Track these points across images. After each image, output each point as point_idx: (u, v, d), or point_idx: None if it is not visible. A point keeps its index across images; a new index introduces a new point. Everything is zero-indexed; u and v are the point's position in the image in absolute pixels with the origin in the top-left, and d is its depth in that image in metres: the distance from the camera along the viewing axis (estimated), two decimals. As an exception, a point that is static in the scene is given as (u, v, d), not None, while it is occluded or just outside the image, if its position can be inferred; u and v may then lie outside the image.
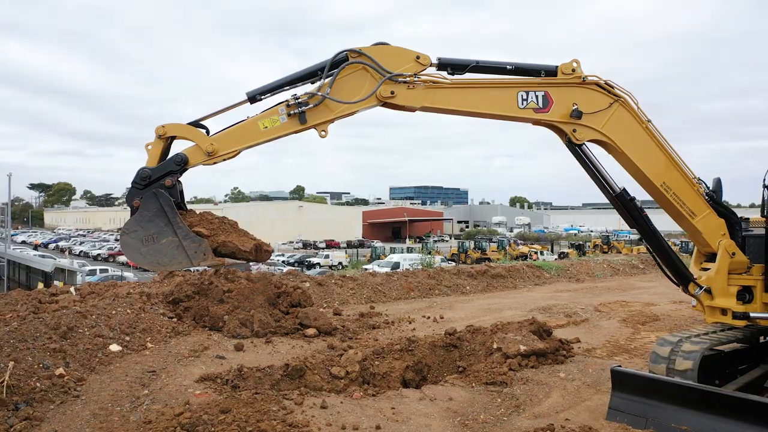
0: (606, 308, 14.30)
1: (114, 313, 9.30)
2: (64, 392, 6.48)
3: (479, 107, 6.16)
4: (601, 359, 9.05)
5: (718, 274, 6.74)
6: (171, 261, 5.31)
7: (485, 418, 6.30)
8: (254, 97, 5.71)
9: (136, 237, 5.34)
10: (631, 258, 25.97)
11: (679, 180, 6.68)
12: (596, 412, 6.65)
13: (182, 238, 5.35)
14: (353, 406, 6.47)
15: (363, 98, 5.84)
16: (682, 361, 6.69)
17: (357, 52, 5.72)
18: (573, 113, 6.25)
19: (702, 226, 6.77)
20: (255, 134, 5.70)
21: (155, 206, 5.43)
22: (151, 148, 5.67)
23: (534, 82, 6.24)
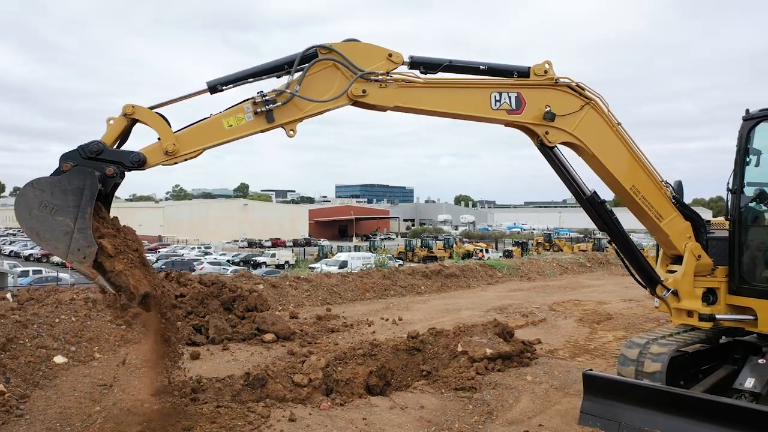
0: (560, 307, 14.49)
1: (57, 322, 8.72)
2: (5, 411, 5.95)
3: (452, 108, 5.98)
4: (565, 360, 9.08)
5: (684, 276, 6.76)
6: (50, 241, 4.66)
7: (460, 427, 6.14)
8: (215, 87, 5.28)
9: (38, 197, 4.66)
10: (579, 257, 26.59)
11: (647, 183, 6.66)
12: (567, 416, 6.61)
13: (77, 228, 4.71)
14: (323, 418, 6.19)
15: (334, 97, 5.49)
16: (650, 363, 6.72)
17: (327, 48, 5.43)
18: (546, 115, 6.13)
19: (669, 228, 6.78)
20: (219, 133, 5.25)
21: (79, 183, 4.78)
22: (113, 123, 5.10)
23: (507, 83, 6.11)
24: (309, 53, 5.47)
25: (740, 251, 6.83)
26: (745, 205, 6.91)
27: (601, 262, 25.68)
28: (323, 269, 42.58)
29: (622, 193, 6.64)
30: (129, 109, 5.10)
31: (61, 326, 8.64)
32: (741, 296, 6.79)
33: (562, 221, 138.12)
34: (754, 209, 6.98)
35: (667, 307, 6.99)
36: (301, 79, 5.31)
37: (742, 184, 6.86)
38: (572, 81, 6.32)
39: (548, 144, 6.22)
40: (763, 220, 7.02)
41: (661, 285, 6.79)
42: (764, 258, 6.82)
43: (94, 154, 4.88)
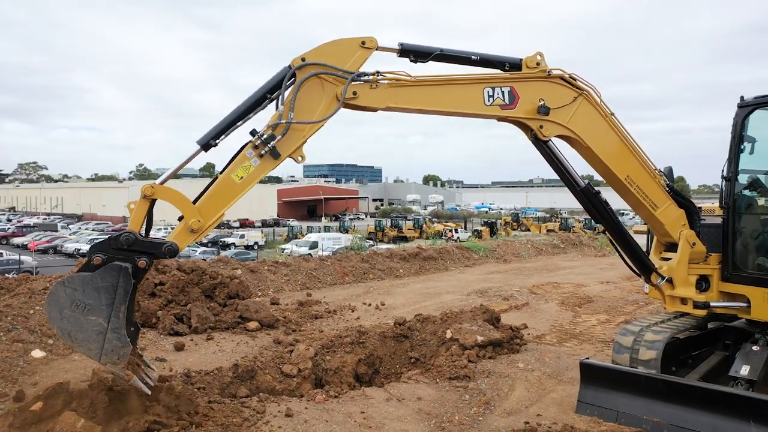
0: (540, 290, 14.57)
1: (32, 313, 8.36)
2: (-14, 412, 5.62)
3: (445, 106, 5.79)
4: (553, 346, 9.10)
5: (679, 264, 6.76)
6: (83, 342, 4.55)
7: (460, 420, 6.06)
8: (207, 143, 5.11)
9: (69, 296, 4.51)
10: (552, 238, 26.86)
11: (642, 173, 6.60)
12: (564, 404, 6.59)
13: (111, 328, 4.54)
14: (320, 412, 6.05)
15: (333, 111, 5.29)
16: (645, 351, 6.74)
17: (303, 63, 5.22)
18: (541, 109, 5.99)
19: (664, 217, 6.74)
20: (233, 190, 5.11)
21: (112, 280, 4.62)
22: (135, 208, 4.96)
23: (499, 78, 5.95)
24: (285, 74, 5.25)
25: (734, 238, 6.86)
26: (740, 192, 6.93)
27: (575, 244, 25.99)
28: (294, 250, 42.32)
29: (617, 183, 6.58)
30: (148, 191, 5.01)
31: (37, 317, 8.25)
32: (734, 283, 6.83)
33: (529, 201, 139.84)
34: (747, 197, 7.01)
35: (661, 294, 7.01)
36: (292, 105, 5.14)
37: (736, 172, 6.87)
38: (565, 72, 6.18)
39: (543, 138, 6.10)
40: (757, 208, 7.07)
41: (656, 273, 6.79)
42: (757, 245, 6.87)
43: (126, 246, 4.74)
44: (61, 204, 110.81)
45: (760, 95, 6.88)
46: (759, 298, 6.59)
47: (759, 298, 6.59)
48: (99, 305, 4.60)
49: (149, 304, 9.70)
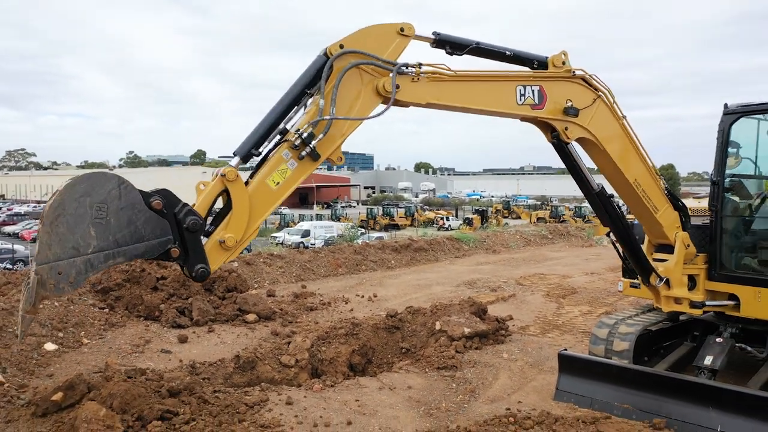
0: (527, 281, 15.11)
1: (42, 307, 8.73)
2: (8, 401, 6.07)
3: (481, 104, 5.47)
4: (536, 337, 9.63)
5: (675, 265, 6.83)
6: (55, 234, 3.55)
7: (447, 406, 6.58)
8: (248, 154, 4.43)
9: (104, 195, 3.67)
10: (541, 229, 27.42)
11: (647, 176, 6.59)
12: (543, 392, 7.11)
13: (87, 259, 3.66)
14: (317, 400, 6.54)
15: (383, 109, 4.77)
16: (619, 342, 7.27)
17: (343, 51, 4.63)
18: (570, 111, 5.80)
19: (663, 219, 6.78)
20: (270, 198, 4.44)
21: (146, 232, 3.82)
22: (208, 190, 4.23)
23: (530, 76, 5.72)
24: (322, 63, 4.64)
25: (721, 239, 7.11)
26: (726, 195, 7.23)
27: (562, 234, 26.57)
28: (286, 238, 42.70)
29: (624, 186, 6.52)
30: (233, 175, 4.22)
31: (46, 312, 8.69)
32: (722, 282, 7.05)
33: (520, 188, 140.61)
34: (732, 200, 7.38)
35: (654, 295, 7.05)
36: (334, 99, 4.52)
37: (723, 176, 7.13)
38: (586, 73, 6.02)
39: (566, 140, 5.91)
40: (742, 211, 7.44)
41: (656, 274, 6.79)
42: (743, 245, 7.27)
43: (184, 226, 3.97)
44: (51, 192, 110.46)
45: (744, 103, 7.16)
46: (748, 296, 6.84)
47: (748, 296, 6.84)
48: (112, 232, 3.72)
49: (152, 298, 10.14)
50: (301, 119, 4.54)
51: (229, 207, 4.27)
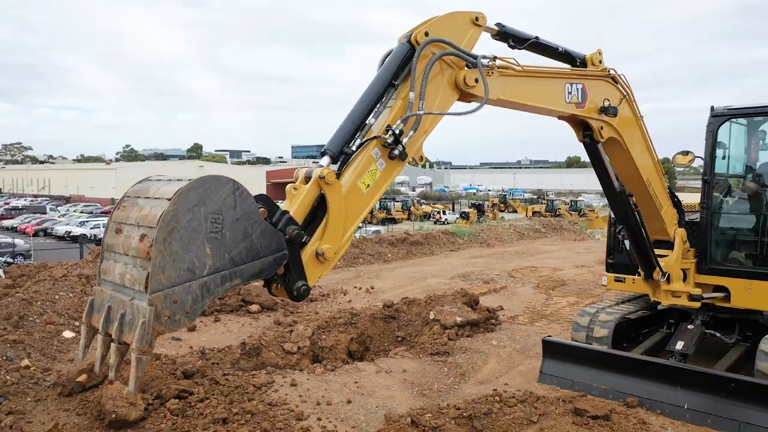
0: (519, 274, 15.68)
1: (57, 298, 9.29)
2: (35, 383, 6.61)
3: (539, 101, 5.33)
4: (525, 326, 10.19)
5: (676, 261, 7.18)
6: (168, 253, 2.98)
7: (439, 387, 7.14)
8: (341, 152, 3.94)
9: (224, 204, 3.16)
10: (534, 222, 28.00)
11: (656, 175, 6.86)
12: (528, 375, 7.67)
13: (203, 282, 3.13)
14: (319, 382, 7.08)
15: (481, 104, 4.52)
16: (599, 330, 7.83)
17: (429, 40, 4.24)
18: (609, 110, 5.83)
19: (666, 216, 7.11)
20: (362, 202, 4.00)
21: (262, 247, 3.36)
22: (305, 195, 3.74)
23: (576, 74, 5.71)
24: (404, 52, 4.23)
25: (711, 235, 7.58)
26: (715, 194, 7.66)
27: (555, 228, 27.18)
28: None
29: (638, 185, 6.64)
30: (332, 179, 3.73)
31: (62, 302, 9.20)
32: (713, 275, 7.49)
33: (517, 182, 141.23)
34: (721, 199, 7.76)
35: (651, 289, 7.38)
36: (423, 92, 4.15)
37: (713, 175, 7.59)
38: (616, 72, 6.05)
39: (600, 140, 5.91)
40: (730, 208, 7.81)
41: (659, 269, 7.03)
42: (732, 241, 7.70)
43: (287, 238, 3.53)
44: (48, 186, 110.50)
45: (731, 107, 7.60)
46: (738, 288, 7.28)
47: (738, 288, 7.28)
48: (228, 249, 3.22)
49: (160, 289, 10.66)
50: (387, 115, 4.12)
51: (315, 213, 3.78)
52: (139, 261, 3.10)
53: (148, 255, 2.99)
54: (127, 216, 3.30)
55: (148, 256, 3.00)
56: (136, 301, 3.05)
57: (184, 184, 3.11)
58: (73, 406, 6.08)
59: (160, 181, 3.38)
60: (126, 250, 3.22)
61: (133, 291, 3.12)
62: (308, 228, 3.73)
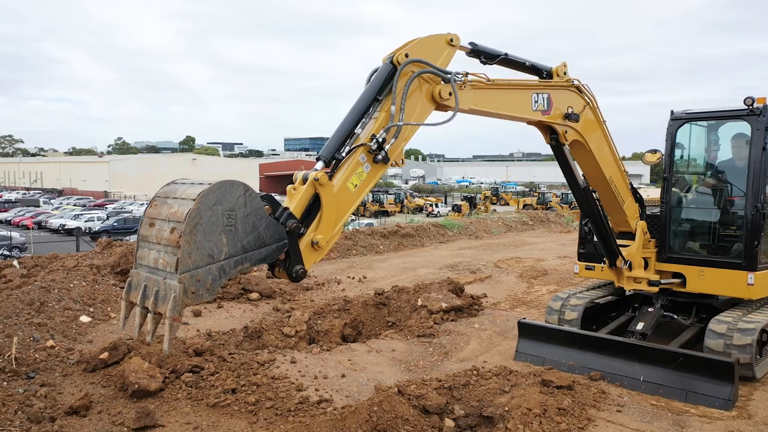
0: (504, 264, 16.49)
1: (72, 286, 10.00)
2: (60, 361, 7.35)
3: (507, 110, 6.05)
4: (505, 311, 10.99)
5: (637, 250, 8.01)
6: (193, 242, 3.70)
7: (424, 364, 7.93)
8: (332, 158, 4.65)
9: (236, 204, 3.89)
10: (522, 215, 28.81)
11: (619, 173, 7.62)
12: (506, 354, 8.47)
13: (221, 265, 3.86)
14: (316, 360, 7.85)
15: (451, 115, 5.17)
16: (569, 313, 8.64)
17: (409, 60, 4.89)
18: (572, 116, 6.60)
19: (628, 210, 7.92)
20: (351, 199, 4.69)
21: (268, 238, 4.08)
22: (303, 194, 4.41)
23: (542, 85, 6.44)
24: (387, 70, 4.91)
25: (670, 227, 8.36)
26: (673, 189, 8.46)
27: (542, 221, 28.00)
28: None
29: (601, 182, 7.44)
30: (325, 180, 4.42)
31: (77, 290, 9.92)
32: (670, 263, 8.28)
33: (509, 175, 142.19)
34: (678, 194, 8.56)
35: (615, 275, 8.25)
36: (403, 105, 4.82)
37: (672, 173, 8.39)
38: (580, 82, 6.82)
39: (564, 142, 6.68)
40: (686, 203, 8.62)
41: (622, 258, 7.88)
42: (687, 232, 8.46)
43: (287, 230, 4.22)
44: (40, 178, 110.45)
45: (689, 111, 8.40)
46: (692, 275, 8.08)
47: (692, 275, 8.08)
48: (240, 239, 3.92)
49: (166, 278, 11.39)
50: (372, 125, 4.80)
51: (311, 209, 4.45)
52: (170, 249, 3.78)
53: (178, 244, 3.69)
54: (158, 213, 4.00)
55: (177, 245, 3.70)
56: (168, 280, 3.75)
57: (205, 187, 3.80)
58: (98, 379, 6.84)
59: (185, 184, 4.08)
60: (159, 240, 3.91)
61: (165, 272, 3.82)
62: (305, 221, 4.41)
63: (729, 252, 7.90)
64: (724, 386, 6.62)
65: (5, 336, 7.49)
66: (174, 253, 3.73)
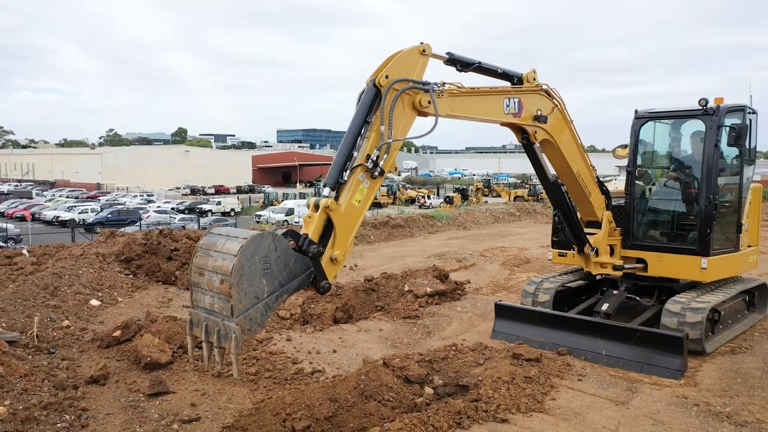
0: (489, 253, 17.27)
1: (81, 273, 10.68)
2: (77, 339, 8.06)
3: (481, 114, 6.69)
4: (487, 296, 11.76)
5: (603, 237, 8.76)
6: (242, 290, 4.48)
7: (408, 342, 8.70)
8: (336, 183, 5.25)
9: (268, 250, 4.67)
10: (510, 207, 29.61)
11: (585, 168, 8.39)
12: (484, 334, 9.23)
13: (265, 302, 4.65)
14: (310, 338, 8.60)
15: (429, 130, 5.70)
16: (542, 295, 9.41)
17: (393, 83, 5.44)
18: (541, 118, 7.31)
19: (594, 201, 8.69)
20: (357, 214, 5.35)
21: (297, 270, 4.84)
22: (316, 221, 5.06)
23: (513, 90, 7.10)
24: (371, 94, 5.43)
25: (634, 217, 9.10)
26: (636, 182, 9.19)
27: (529, 212, 28.82)
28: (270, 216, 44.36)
29: (569, 176, 8.17)
30: (334, 206, 5.03)
31: (85, 276, 10.61)
32: (634, 250, 9.02)
33: (501, 166, 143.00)
34: (641, 186, 9.29)
35: (584, 261, 8.97)
36: (390, 125, 5.38)
37: (635, 167, 9.10)
38: (549, 87, 7.50)
39: (534, 141, 7.42)
40: (647, 194, 9.32)
41: (589, 245, 8.63)
42: (649, 221, 9.22)
43: (309, 255, 4.90)
44: (32, 170, 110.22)
45: (651, 110, 9.14)
46: (653, 260, 8.84)
47: (653, 260, 8.84)
48: (276, 278, 4.67)
49: (168, 266, 12.09)
50: (365, 145, 5.37)
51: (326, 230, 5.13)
52: (222, 296, 4.54)
53: (229, 293, 4.45)
54: (205, 263, 4.73)
55: (229, 294, 4.46)
56: (227, 322, 4.52)
57: (242, 242, 4.54)
58: (112, 354, 7.56)
59: (221, 236, 4.81)
60: (210, 288, 4.65)
61: (222, 315, 4.59)
62: (323, 241, 5.10)
63: (685, 239, 8.68)
64: (675, 358, 7.42)
65: (26, 316, 8.20)
66: (227, 300, 4.49)
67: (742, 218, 9.01)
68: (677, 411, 6.32)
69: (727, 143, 8.32)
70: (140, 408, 6.13)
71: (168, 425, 5.75)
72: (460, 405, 6.11)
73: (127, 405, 6.19)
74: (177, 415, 5.95)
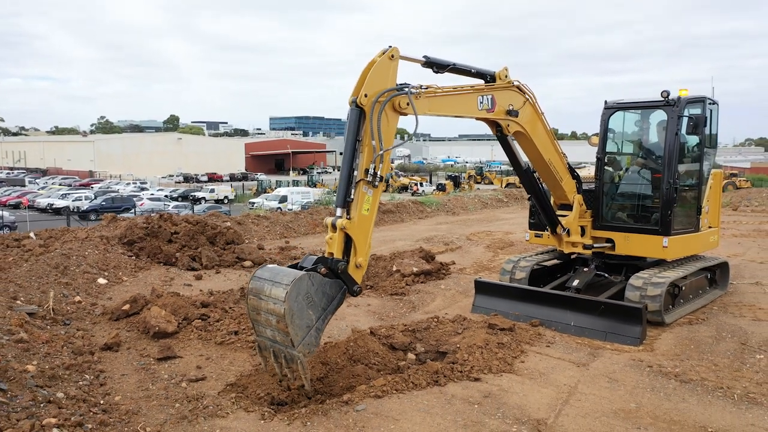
0: (475, 237, 18.01)
1: (87, 254, 11.35)
2: (88, 313, 8.75)
3: (457, 111, 7.36)
4: (470, 275, 12.50)
5: (574, 219, 9.52)
6: (296, 326, 5.55)
7: (394, 315, 9.43)
8: (345, 202, 6.07)
9: (307, 288, 5.66)
10: (498, 193, 30.35)
11: (556, 155, 9.08)
12: (465, 308, 9.97)
13: (315, 327, 5.74)
14: (303, 313, 9.31)
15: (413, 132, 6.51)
16: (519, 273, 10.15)
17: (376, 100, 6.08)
18: (512, 112, 7.97)
19: (565, 186, 9.38)
20: (368, 221, 6.20)
21: (333, 293, 5.90)
22: (336, 240, 6.08)
23: (486, 88, 7.72)
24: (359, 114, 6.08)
25: (603, 200, 9.84)
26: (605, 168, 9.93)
27: (517, 198, 29.55)
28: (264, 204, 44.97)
29: (541, 164, 8.89)
30: (349, 224, 5.96)
31: (91, 257, 11.27)
32: (603, 230, 9.76)
33: (494, 154, 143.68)
34: (609, 172, 10.07)
35: (557, 241, 9.78)
36: (380, 137, 6.09)
37: (604, 154, 9.85)
38: (520, 83, 8.16)
39: (507, 134, 8.12)
40: (615, 179, 10.11)
41: (561, 226, 9.40)
42: (616, 204, 10.00)
43: (339, 271, 5.92)
44: (24, 158, 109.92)
45: (620, 101, 9.89)
46: (620, 239, 9.59)
47: (620, 239, 9.59)
48: (319, 305, 5.69)
49: (169, 248, 12.75)
50: (362, 161, 6.14)
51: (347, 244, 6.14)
52: (281, 332, 5.68)
53: (286, 330, 5.57)
54: (259, 305, 5.83)
55: (286, 330, 5.58)
56: (290, 350, 5.72)
57: (285, 288, 5.52)
58: (122, 326, 8.25)
59: (266, 281, 5.78)
60: (269, 325, 5.80)
61: (285, 345, 5.73)
62: (346, 253, 6.09)
63: (649, 220, 9.43)
64: (635, 327, 8.19)
65: (41, 292, 8.87)
66: (286, 334, 5.62)
67: (702, 201, 9.77)
68: (631, 371, 7.09)
69: (686, 132, 9.05)
70: (151, 370, 6.83)
71: (177, 383, 6.45)
72: (438, 366, 6.86)
73: (140, 367, 6.89)
74: (185, 376, 6.65)
